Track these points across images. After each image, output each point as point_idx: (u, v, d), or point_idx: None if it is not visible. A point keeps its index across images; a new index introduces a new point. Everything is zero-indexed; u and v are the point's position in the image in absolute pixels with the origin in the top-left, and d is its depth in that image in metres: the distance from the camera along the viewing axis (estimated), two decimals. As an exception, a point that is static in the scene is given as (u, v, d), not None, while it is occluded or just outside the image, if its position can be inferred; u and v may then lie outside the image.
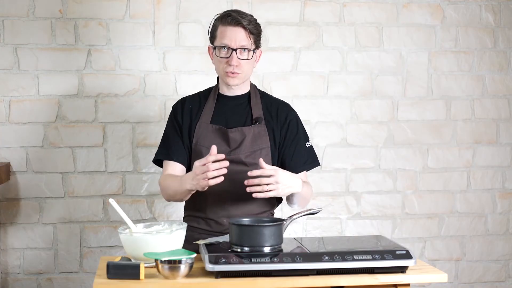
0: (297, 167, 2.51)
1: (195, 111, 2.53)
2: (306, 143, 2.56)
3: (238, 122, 2.49)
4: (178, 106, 2.57)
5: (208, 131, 2.47)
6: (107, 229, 3.29)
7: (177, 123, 2.54)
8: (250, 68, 2.48)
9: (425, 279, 2.06)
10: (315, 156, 2.59)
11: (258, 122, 2.48)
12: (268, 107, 2.54)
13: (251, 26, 2.42)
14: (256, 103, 2.53)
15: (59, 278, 3.27)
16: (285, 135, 2.52)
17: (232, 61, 2.41)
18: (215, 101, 2.53)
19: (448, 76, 3.54)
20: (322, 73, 3.44)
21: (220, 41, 2.43)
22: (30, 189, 3.24)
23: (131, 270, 1.96)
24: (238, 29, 2.41)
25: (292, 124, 2.54)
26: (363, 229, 3.47)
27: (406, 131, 3.51)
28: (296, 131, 2.54)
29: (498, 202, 3.60)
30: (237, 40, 2.41)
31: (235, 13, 2.43)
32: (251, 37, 2.43)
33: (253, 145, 2.46)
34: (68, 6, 3.24)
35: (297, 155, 2.52)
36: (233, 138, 2.45)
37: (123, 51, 3.28)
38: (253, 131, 2.46)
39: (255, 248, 2.06)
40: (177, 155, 2.51)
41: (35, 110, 3.23)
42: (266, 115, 2.51)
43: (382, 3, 3.47)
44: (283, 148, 2.51)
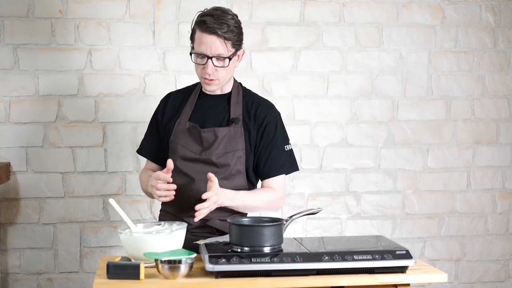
0: (272, 170, 2.47)
1: (177, 107, 2.53)
2: (285, 147, 2.50)
3: (214, 122, 2.46)
4: (162, 102, 2.59)
5: (184, 129, 2.47)
6: (107, 229, 3.29)
7: (156, 121, 2.56)
8: (229, 73, 2.44)
9: (425, 279, 2.06)
10: (294, 161, 2.52)
11: (234, 123, 2.45)
12: (249, 107, 2.50)
13: (228, 34, 2.35)
14: (236, 103, 2.49)
15: (59, 278, 3.27)
16: (261, 137, 2.47)
17: (208, 69, 2.37)
18: (196, 98, 2.52)
19: (448, 76, 3.54)
20: (322, 73, 3.44)
21: (197, 47, 2.38)
22: (30, 189, 3.24)
23: (131, 270, 1.97)
24: (213, 38, 2.35)
25: (270, 126, 2.48)
26: (363, 229, 3.47)
27: (406, 131, 3.51)
28: (273, 133, 2.48)
29: (498, 202, 3.60)
30: (212, 49, 2.35)
31: (211, 20, 2.34)
32: (228, 43, 2.36)
33: (227, 146, 2.42)
34: (68, 6, 3.24)
35: (272, 159, 2.47)
36: (205, 138, 2.43)
37: (123, 51, 3.28)
38: (228, 132, 2.43)
39: (255, 248, 2.06)
40: (150, 154, 2.58)
41: (35, 110, 3.23)
42: (244, 116, 2.47)
43: (382, 3, 3.47)
44: (259, 150, 2.47)
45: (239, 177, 2.44)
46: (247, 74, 3.36)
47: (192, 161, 2.43)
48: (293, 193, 3.42)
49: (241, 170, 2.45)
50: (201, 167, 2.42)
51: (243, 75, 3.35)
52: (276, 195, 2.48)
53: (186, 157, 2.44)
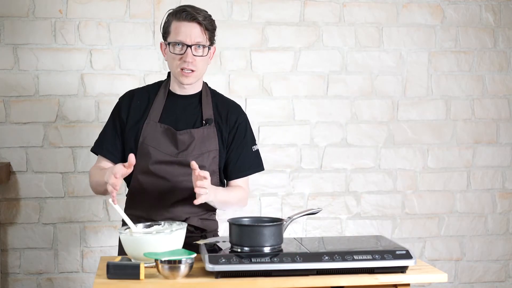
0: (241, 171, 2.48)
1: (143, 107, 2.46)
2: (253, 147, 2.52)
3: (187, 123, 2.43)
4: (125, 101, 2.50)
5: (156, 130, 2.41)
6: (107, 229, 3.29)
7: (119, 120, 2.47)
8: (205, 65, 2.43)
9: (425, 279, 2.06)
10: (260, 161, 2.55)
11: (208, 124, 2.44)
12: (219, 108, 2.49)
13: (206, 22, 2.37)
14: (207, 104, 2.48)
15: (59, 278, 3.27)
16: (233, 139, 2.47)
17: (187, 57, 2.35)
18: (165, 98, 2.47)
19: (448, 76, 3.54)
20: (322, 73, 3.44)
21: (175, 37, 2.36)
22: (30, 189, 3.24)
23: (131, 270, 1.97)
24: (193, 25, 2.35)
25: (241, 127, 2.49)
26: (363, 229, 3.47)
27: (406, 131, 3.51)
28: (244, 135, 2.50)
29: (498, 202, 3.60)
30: (192, 36, 2.35)
31: (190, 9, 2.37)
32: (206, 33, 2.38)
33: (201, 147, 2.41)
34: (68, 6, 3.24)
35: (243, 159, 2.48)
36: (181, 140, 2.40)
37: (123, 51, 3.28)
38: (202, 133, 2.42)
39: (255, 248, 2.06)
40: (110, 153, 2.46)
41: (35, 110, 3.23)
42: (216, 116, 2.47)
43: (382, 3, 3.47)
44: (229, 151, 2.47)
45: (214, 177, 2.42)
46: (247, 74, 3.36)
47: (167, 163, 2.39)
48: (293, 193, 3.42)
49: (215, 170, 2.45)
50: (177, 169, 2.38)
51: (243, 75, 3.36)
52: (245, 193, 2.52)
53: (160, 160, 2.39)
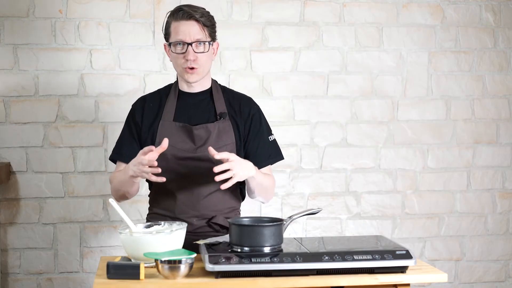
0: (261, 161, 2.48)
1: (155, 109, 2.49)
2: (269, 137, 2.53)
3: (201, 119, 2.45)
4: (138, 106, 2.53)
5: (172, 129, 2.43)
6: (107, 229, 3.29)
7: (134, 125, 2.49)
8: (208, 61, 2.44)
9: (425, 279, 2.06)
10: (279, 150, 2.56)
11: (223, 118, 2.45)
12: (231, 102, 2.51)
13: (204, 18, 2.39)
14: (218, 99, 2.49)
15: (59, 278, 3.27)
16: (248, 130, 2.49)
17: (189, 55, 2.37)
18: (176, 98, 2.49)
19: (448, 76, 3.54)
20: (322, 73, 3.44)
21: (175, 37, 2.39)
22: (30, 189, 3.24)
23: (131, 270, 1.97)
24: (191, 23, 2.38)
25: (255, 118, 2.51)
26: (363, 229, 3.47)
27: (406, 131, 3.51)
28: (259, 125, 2.51)
29: (498, 202, 3.60)
30: (191, 34, 2.37)
31: (187, 7, 2.40)
32: (205, 29, 2.40)
33: (219, 141, 2.42)
34: (68, 6, 3.24)
35: (261, 150, 2.49)
36: (198, 135, 2.41)
37: (123, 51, 3.28)
38: (217, 127, 2.43)
39: (255, 248, 2.06)
40: (128, 158, 2.44)
41: (35, 110, 3.23)
42: (229, 110, 2.48)
43: (382, 3, 3.47)
44: (247, 142, 2.49)
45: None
46: (247, 74, 3.36)
47: (186, 160, 2.41)
48: (293, 193, 3.42)
49: None
50: (196, 165, 2.39)
51: (243, 75, 3.36)
52: (274, 181, 2.54)
53: (178, 157, 2.41)
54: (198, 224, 2.42)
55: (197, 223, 2.42)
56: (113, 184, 2.52)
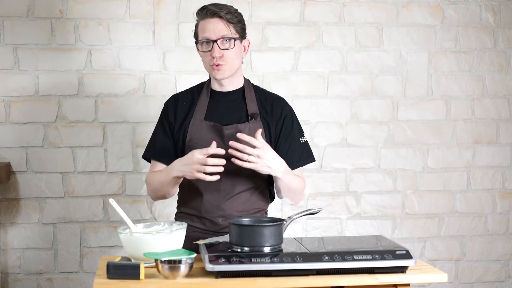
0: (292, 163, 2.48)
1: (187, 107, 2.49)
2: (301, 139, 2.53)
3: (233, 119, 2.45)
4: (171, 104, 2.53)
5: (203, 128, 2.43)
6: (107, 229, 3.29)
7: (167, 123, 2.50)
8: (236, 58, 2.43)
9: (425, 279, 2.06)
10: (310, 152, 2.56)
11: (254, 118, 2.45)
12: (263, 102, 2.51)
13: (229, 15, 2.39)
14: (250, 98, 2.49)
15: (59, 278, 3.27)
16: (280, 131, 2.48)
17: (214, 52, 2.37)
18: (208, 97, 2.49)
19: (448, 76, 3.54)
20: (322, 73, 3.44)
21: (201, 35, 2.40)
22: (30, 189, 3.24)
23: (131, 270, 1.96)
24: (215, 20, 2.38)
25: (287, 119, 2.50)
26: (363, 229, 3.47)
27: (406, 131, 3.51)
28: (291, 126, 2.51)
29: (498, 202, 3.60)
30: (216, 31, 2.37)
31: (212, 6, 2.41)
32: (231, 26, 2.39)
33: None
34: (68, 6, 3.24)
35: (292, 151, 2.49)
36: (228, 136, 2.40)
37: (123, 51, 3.28)
38: (248, 127, 2.42)
39: (255, 248, 2.06)
40: (164, 156, 2.47)
41: (35, 110, 3.24)
42: (261, 111, 2.48)
43: (382, 3, 3.47)
44: (278, 144, 2.48)
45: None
46: (247, 74, 3.34)
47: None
48: (293, 193, 3.42)
49: None
50: (226, 165, 2.36)
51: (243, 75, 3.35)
52: (304, 183, 2.52)
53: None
54: (223, 224, 2.42)
55: (223, 223, 2.42)
56: (151, 186, 2.50)
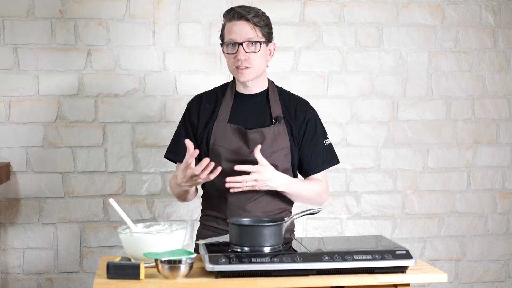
0: (316, 166, 2.49)
1: (212, 109, 2.48)
2: (325, 142, 2.53)
3: (257, 122, 2.44)
4: (194, 105, 2.52)
5: (227, 131, 2.43)
6: (107, 229, 3.29)
7: (190, 124, 2.49)
8: (261, 62, 2.43)
9: (425, 279, 2.06)
10: (334, 154, 2.55)
11: (278, 121, 2.44)
12: (287, 104, 2.50)
13: (256, 18, 2.39)
14: (275, 101, 2.49)
15: (59, 278, 3.27)
16: (303, 134, 2.48)
17: (239, 55, 2.38)
18: (232, 99, 2.49)
19: (448, 76, 3.54)
20: (322, 73, 3.44)
21: (227, 37, 2.41)
22: (30, 189, 3.24)
23: (131, 270, 1.96)
24: (242, 23, 2.38)
25: (311, 123, 2.50)
26: (363, 229, 3.47)
27: (406, 131, 3.51)
28: (314, 130, 2.50)
29: (498, 202, 3.60)
30: (242, 34, 2.38)
31: (239, 8, 2.41)
32: (257, 29, 2.39)
33: (273, 145, 2.42)
34: (68, 6, 3.24)
35: (316, 155, 2.49)
36: (252, 139, 2.41)
37: (123, 51, 3.28)
38: (272, 131, 2.42)
39: (255, 248, 2.06)
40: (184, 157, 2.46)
41: (35, 110, 3.24)
42: (284, 114, 2.47)
43: (382, 3, 3.47)
44: (301, 147, 2.48)
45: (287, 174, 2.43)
46: (247, 74, 3.35)
47: (240, 163, 2.37)
48: (293, 193, 3.42)
49: (288, 168, 2.46)
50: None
51: (243, 75, 3.36)
52: (324, 187, 2.52)
53: (231, 160, 2.40)
54: None
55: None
56: (173, 190, 2.54)
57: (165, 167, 3.30)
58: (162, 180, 3.31)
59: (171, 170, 3.29)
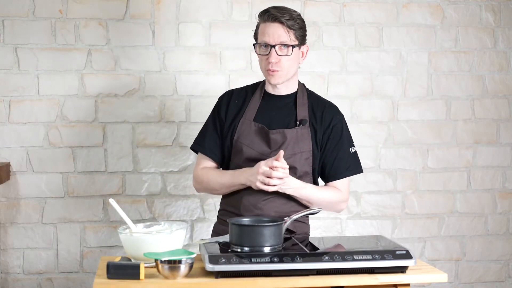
0: (339, 173, 2.48)
1: (239, 106, 2.49)
2: (350, 149, 2.51)
3: (281, 123, 2.44)
4: (224, 100, 2.53)
5: (250, 129, 2.44)
6: (107, 229, 3.29)
7: (218, 119, 2.50)
8: (293, 65, 2.43)
9: (425, 279, 2.06)
10: (358, 163, 2.53)
11: (302, 125, 2.44)
12: (314, 108, 2.50)
13: (291, 21, 2.38)
14: (302, 104, 2.49)
15: (59, 278, 3.27)
16: (327, 140, 2.47)
17: (271, 57, 2.38)
18: (261, 98, 2.50)
19: (448, 76, 3.54)
20: (322, 73, 3.44)
21: (261, 38, 2.41)
22: (30, 189, 3.24)
23: (131, 270, 1.97)
24: (276, 25, 2.38)
25: (336, 128, 2.49)
26: (363, 229, 3.47)
27: (406, 131, 3.51)
28: (340, 136, 2.49)
29: (498, 202, 3.60)
30: (275, 36, 2.38)
31: (274, 10, 2.40)
32: (291, 32, 2.39)
33: (295, 147, 2.41)
34: (68, 6, 3.24)
35: (339, 161, 2.47)
36: (274, 140, 2.41)
37: (123, 51, 3.28)
38: (296, 133, 2.42)
39: (255, 248, 2.06)
40: (211, 152, 2.50)
41: (35, 110, 3.23)
42: (311, 117, 2.47)
43: (382, 3, 3.47)
44: (325, 152, 2.47)
45: (305, 179, 2.43)
46: (247, 74, 3.36)
47: (258, 161, 2.37)
48: (293, 193, 3.41)
49: (308, 172, 2.45)
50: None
51: (243, 75, 3.36)
52: (341, 196, 2.49)
53: (252, 158, 2.41)
54: None
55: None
56: (205, 184, 2.51)
57: (165, 167, 3.30)
58: (162, 180, 3.31)
59: (171, 170, 3.30)
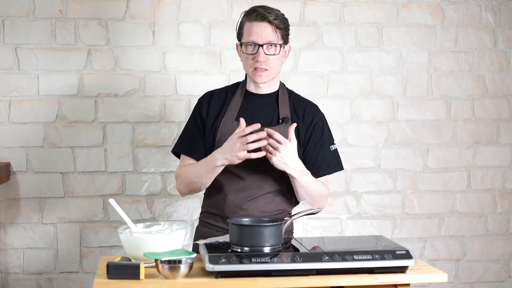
0: (320, 170, 2.48)
1: (220, 106, 2.49)
2: (331, 147, 2.52)
3: (263, 121, 2.43)
4: (204, 100, 2.52)
5: (233, 128, 2.42)
6: (107, 229, 3.29)
7: (200, 119, 2.49)
8: (279, 64, 2.44)
9: (425, 279, 2.06)
10: (339, 160, 2.55)
11: (285, 123, 2.45)
12: (296, 107, 2.50)
13: (277, 21, 2.39)
14: (284, 103, 2.49)
15: (59, 278, 3.27)
16: (309, 138, 2.48)
17: (259, 57, 2.38)
18: (242, 97, 2.50)
19: (448, 76, 3.54)
20: (322, 73, 3.44)
21: (247, 37, 2.40)
22: (30, 189, 3.24)
23: (131, 270, 1.97)
24: (264, 25, 2.38)
25: (318, 126, 2.50)
26: (363, 229, 3.47)
27: (406, 131, 3.51)
28: (321, 134, 2.50)
29: (498, 202, 3.60)
30: (263, 36, 2.38)
31: (261, 9, 2.41)
32: (278, 32, 2.39)
33: None
34: (68, 6, 3.24)
35: (321, 159, 2.48)
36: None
37: (123, 51, 3.28)
38: (278, 131, 2.40)
39: (255, 248, 2.06)
40: (195, 152, 2.47)
41: (35, 110, 3.24)
42: (292, 115, 2.48)
43: (382, 3, 3.47)
44: (306, 150, 2.48)
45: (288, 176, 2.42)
46: (247, 74, 3.36)
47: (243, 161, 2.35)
48: (293, 193, 3.41)
49: None
50: (250, 166, 2.38)
51: (243, 75, 3.34)
52: (326, 190, 2.51)
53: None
54: None
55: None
56: (185, 179, 2.47)
57: (165, 167, 3.30)
58: (162, 180, 3.31)
59: (171, 170, 3.29)
